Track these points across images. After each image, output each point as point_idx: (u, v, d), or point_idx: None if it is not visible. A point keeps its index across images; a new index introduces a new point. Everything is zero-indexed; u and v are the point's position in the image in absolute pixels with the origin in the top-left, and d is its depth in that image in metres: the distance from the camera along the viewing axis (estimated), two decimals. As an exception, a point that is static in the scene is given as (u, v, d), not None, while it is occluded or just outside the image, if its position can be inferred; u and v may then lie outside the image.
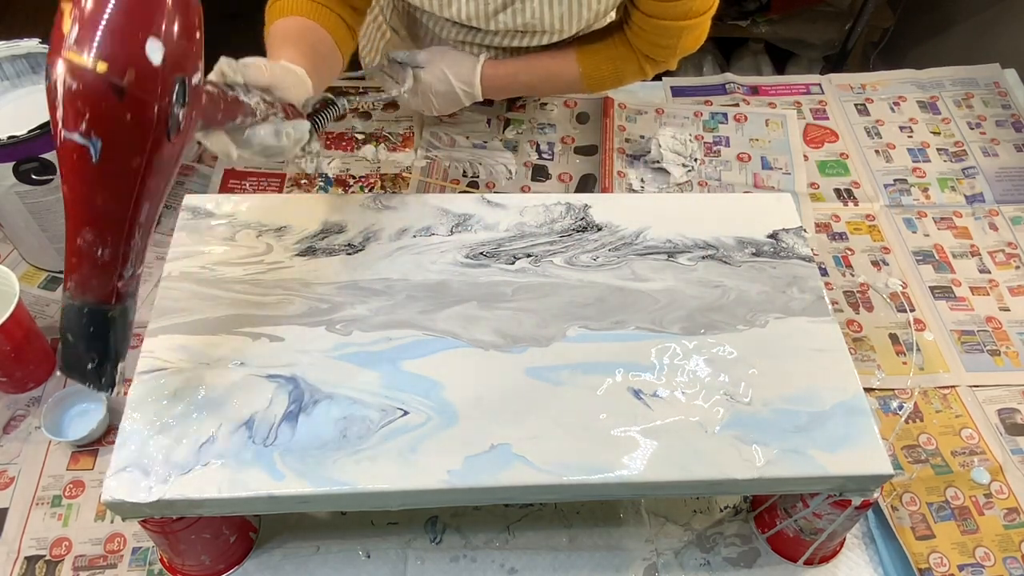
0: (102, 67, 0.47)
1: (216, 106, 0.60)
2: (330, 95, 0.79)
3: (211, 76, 0.64)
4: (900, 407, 0.90)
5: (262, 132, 0.67)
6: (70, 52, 0.47)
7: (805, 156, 1.16)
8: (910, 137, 1.19)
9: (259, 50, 0.77)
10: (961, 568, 0.78)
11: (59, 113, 0.48)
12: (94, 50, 0.47)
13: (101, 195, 0.52)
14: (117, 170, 0.51)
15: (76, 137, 0.48)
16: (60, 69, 0.47)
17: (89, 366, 0.57)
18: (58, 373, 0.88)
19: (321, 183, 1.09)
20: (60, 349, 0.57)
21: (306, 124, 0.73)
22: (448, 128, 1.16)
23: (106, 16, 0.47)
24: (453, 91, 1.00)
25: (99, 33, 0.47)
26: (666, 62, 1.00)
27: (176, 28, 0.49)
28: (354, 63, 0.93)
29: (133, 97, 0.48)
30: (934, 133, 1.20)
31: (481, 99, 1.02)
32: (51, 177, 0.85)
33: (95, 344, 0.57)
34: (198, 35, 0.51)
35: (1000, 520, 0.81)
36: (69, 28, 0.47)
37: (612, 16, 1.03)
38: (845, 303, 0.99)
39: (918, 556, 0.78)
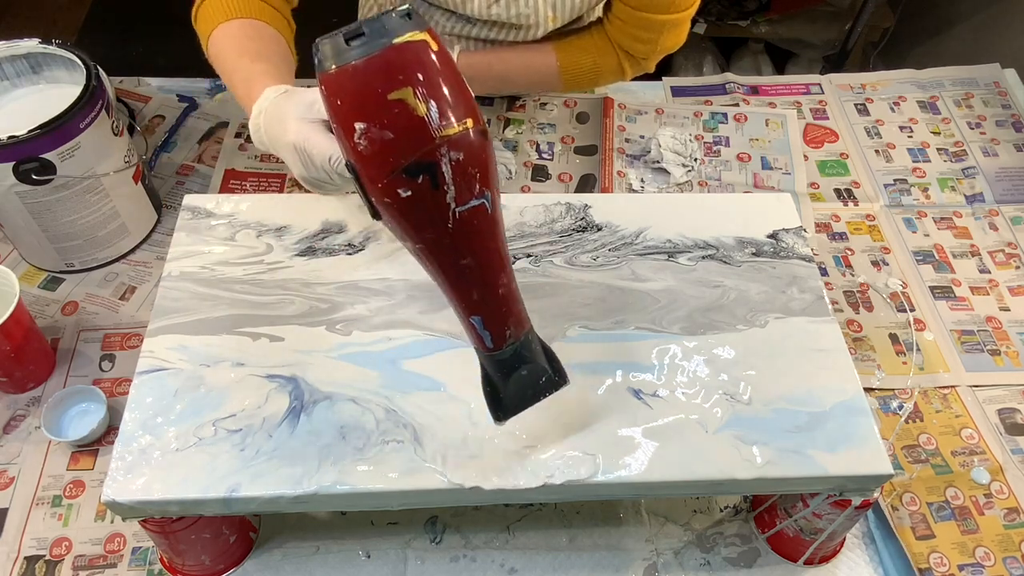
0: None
1: None
2: None
3: None
4: (900, 407, 0.90)
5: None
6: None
7: (805, 156, 1.16)
8: (910, 137, 1.19)
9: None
10: (961, 568, 0.78)
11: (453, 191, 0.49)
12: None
13: (500, 239, 0.53)
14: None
15: (473, 201, 0.50)
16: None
17: (543, 379, 0.59)
18: (56, 375, 0.88)
19: (321, 183, 1.09)
20: (502, 396, 0.58)
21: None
22: (448, 128, 1.16)
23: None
24: None
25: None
26: (646, 60, 0.99)
27: None
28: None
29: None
30: (934, 133, 1.20)
31: None
32: (51, 177, 0.85)
33: (544, 355, 0.59)
34: None
35: (1000, 520, 0.81)
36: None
37: (598, 12, 1.02)
38: (845, 303, 0.99)
39: (918, 556, 0.78)
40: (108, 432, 0.84)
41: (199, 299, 0.71)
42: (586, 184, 1.10)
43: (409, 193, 0.48)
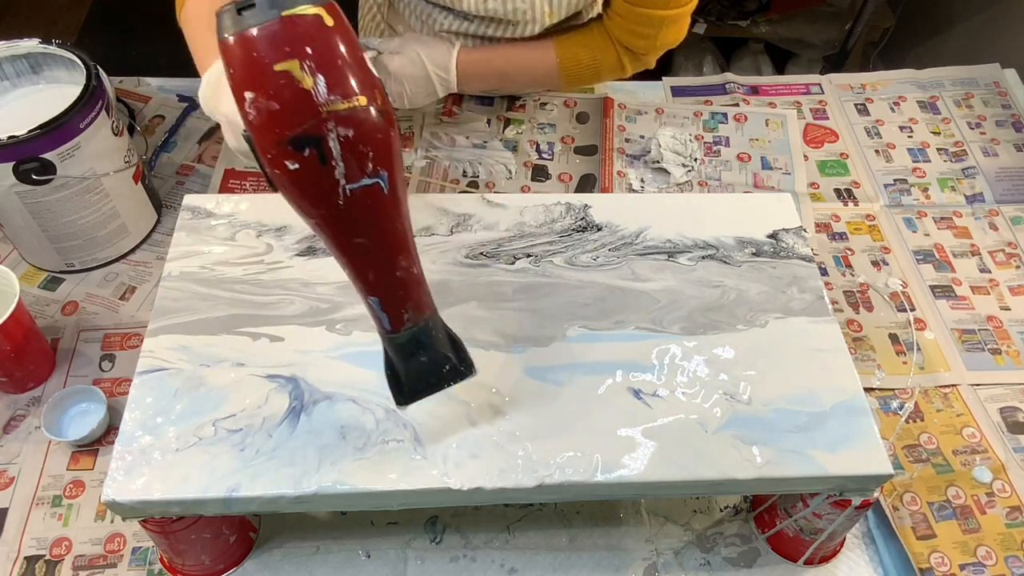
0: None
1: None
2: None
3: None
4: (901, 407, 0.90)
5: None
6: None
7: (805, 156, 1.16)
8: (910, 137, 1.19)
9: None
10: (963, 567, 0.78)
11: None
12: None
13: (399, 221, 0.53)
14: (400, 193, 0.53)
15: (365, 180, 0.50)
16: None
17: (446, 368, 0.59)
18: (55, 376, 0.88)
19: (321, 183, 1.09)
20: (403, 380, 0.59)
21: None
22: (448, 128, 1.16)
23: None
24: (426, 75, 0.97)
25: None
26: (645, 56, 0.99)
27: None
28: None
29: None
30: (934, 133, 1.20)
31: (455, 89, 1.00)
32: (51, 177, 0.85)
33: (449, 344, 0.59)
34: None
35: (1002, 519, 0.81)
36: None
37: (598, 8, 1.02)
38: (845, 303, 0.99)
39: (919, 556, 0.78)
40: (108, 432, 0.84)
41: (199, 299, 0.71)
42: (586, 184, 1.10)
43: (296, 166, 0.48)
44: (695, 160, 1.14)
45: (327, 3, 0.49)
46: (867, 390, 0.74)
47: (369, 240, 0.52)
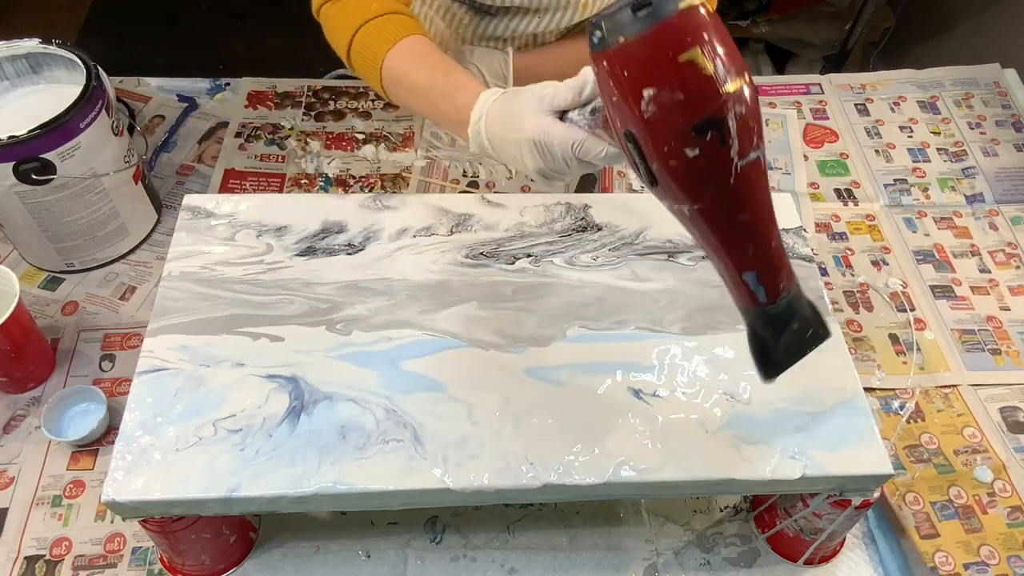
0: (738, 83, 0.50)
1: None
2: None
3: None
4: (902, 407, 0.90)
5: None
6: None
7: (805, 156, 1.16)
8: (910, 137, 1.19)
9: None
10: (967, 567, 0.78)
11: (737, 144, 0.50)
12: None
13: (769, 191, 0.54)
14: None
15: (752, 154, 0.51)
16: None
17: (809, 332, 0.60)
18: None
19: (321, 183, 1.09)
20: (773, 352, 0.59)
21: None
22: (448, 128, 1.16)
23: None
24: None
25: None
26: None
27: None
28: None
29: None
30: (934, 133, 1.20)
31: None
32: (51, 177, 0.85)
33: (809, 308, 0.60)
34: None
35: (1004, 518, 0.81)
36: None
37: None
38: (845, 303, 0.99)
39: (923, 555, 0.78)
40: (108, 432, 0.84)
41: (199, 299, 0.71)
42: (586, 184, 1.10)
43: (696, 152, 0.50)
44: (695, 160, 1.13)
45: None
46: (867, 390, 0.74)
47: (752, 215, 0.54)
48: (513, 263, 0.76)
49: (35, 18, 2.47)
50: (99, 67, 0.91)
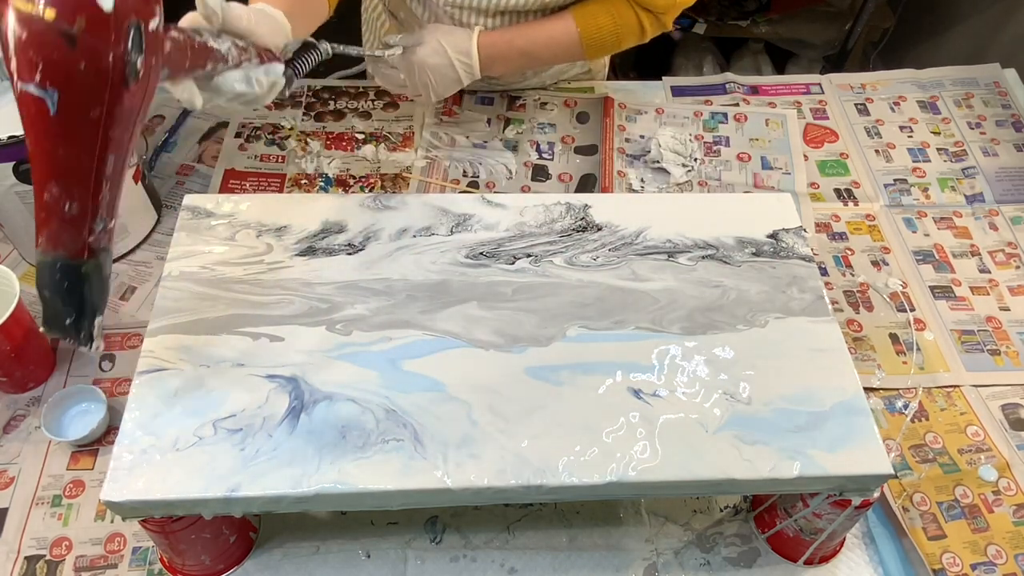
0: (50, 14, 0.45)
1: (182, 53, 0.59)
2: (311, 39, 0.77)
3: (183, 22, 0.63)
4: (905, 406, 0.90)
5: (232, 79, 0.66)
6: (18, 0, 0.46)
7: (805, 156, 1.16)
8: (910, 137, 1.19)
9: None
10: (974, 567, 0.78)
11: (13, 64, 0.47)
12: None
13: (63, 148, 0.50)
14: (77, 121, 0.49)
15: (32, 89, 0.47)
16: (10, 18, 0.46)
17: (67, 321, 0.56)
18: (55, 373, 0.89)
19: (321, 183, 1.09)
20: (42, 307, 0.56)
21: (279, 68, 0.71)
22: (448, 128, 1.16)
23: None
24: (450, 64, 0.98)
25: None
26: (663, 16, 0.99)
27: None
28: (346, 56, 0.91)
29: (85, 44, 0.47)
30: (934, 133, 1.20)
31: (479, 75, 1.00)
32: (51, 177, 0.85)
33: (71, 299, 0.55)
34: None
35: (1010, 517, 0.81)
36: None
37: None
38: (845, 303, 0.99)
39: (931, 556, 0.78)
40: (108, 432, 0.84)
41: (199, 299, 0.71)
42: (586, 184, 1.10)
43: None
44: (695, 160, 1.14)
45: None
46: (868, 390, 0.74)
47: (32, 146, 0.51)
48: (513, 263, 0.76)
49: (35, 18, 2.47)
50: (99, 67, 0.90)
